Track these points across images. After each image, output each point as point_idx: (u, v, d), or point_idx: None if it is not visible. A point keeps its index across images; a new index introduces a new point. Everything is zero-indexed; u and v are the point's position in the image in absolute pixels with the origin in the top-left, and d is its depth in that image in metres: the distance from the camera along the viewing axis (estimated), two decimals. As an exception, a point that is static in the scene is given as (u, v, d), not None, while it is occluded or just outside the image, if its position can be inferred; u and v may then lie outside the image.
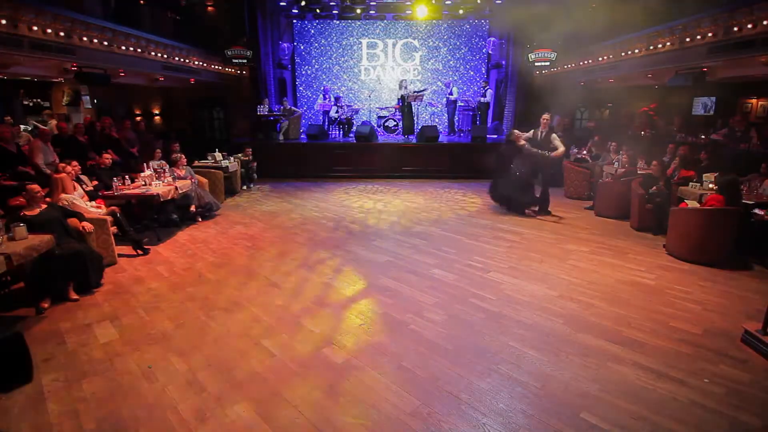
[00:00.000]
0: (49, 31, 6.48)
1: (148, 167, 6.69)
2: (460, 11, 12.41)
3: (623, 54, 9.25)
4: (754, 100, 9.28)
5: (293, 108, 12.40)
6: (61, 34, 6.71)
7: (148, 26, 9.79)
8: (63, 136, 7.11)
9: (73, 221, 4.50)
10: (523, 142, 7.12)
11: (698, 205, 5.43)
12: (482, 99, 12.16)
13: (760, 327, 3.29)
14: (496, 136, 12.21)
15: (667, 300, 4.17)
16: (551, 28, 10.61)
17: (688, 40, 7.47)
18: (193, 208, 6.76)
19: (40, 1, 6.33)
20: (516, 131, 7.46)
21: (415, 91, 11.79)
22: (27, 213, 4.16)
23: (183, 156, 7.23)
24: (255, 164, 10.02)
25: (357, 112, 12.81)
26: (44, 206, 4.32)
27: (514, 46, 12.19)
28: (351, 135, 12.02)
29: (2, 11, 5.74)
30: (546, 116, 7.10)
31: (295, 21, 13.36)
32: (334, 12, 12.72)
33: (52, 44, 6.62)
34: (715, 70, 7.75)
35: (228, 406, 2.69)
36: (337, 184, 10.24)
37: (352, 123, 12.40)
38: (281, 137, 11.69)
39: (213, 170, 8.21)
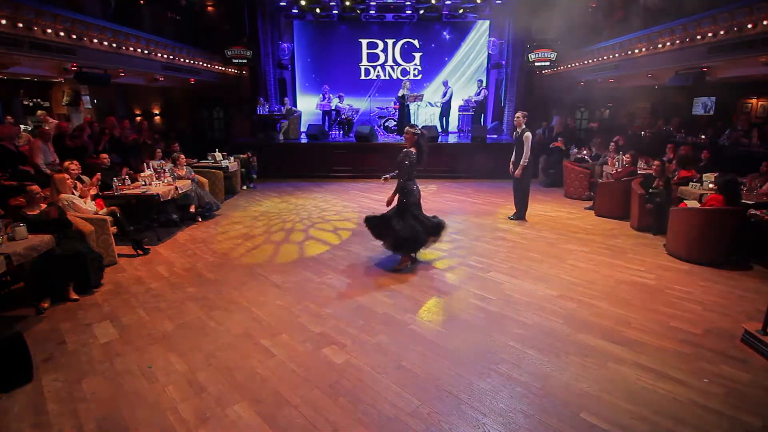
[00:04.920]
0: (49, 31, 6.47)
1: (148, 167, 6.69)
2: (460, 11, 12.41)
3: (623, 54, 9.25)
4: (754, 100, 9.28)
5: (293, 108, 12.40)
6: (61, 34, 6.71)
7: (148, 26, 9.79)
8: (63, 136, 7.12)
9: (73, 220, 4.50)
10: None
11: (698, 205, 5.43)
12: (479, 99, 12.18)
13: (760, 327, 3.29)
14: (496, 136, 12.22)
15: (667, 300, 4.17)
16: (551, 28, 10.62)
17: (688, 40, 7.47)
18: (193, 208, 6.75)
19: (40, 1, 6.33)
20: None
21: (413, 93, 11.81)
22: (27, 213, 4.16)
23: (182, 156, 7.23)
24: (255, 159, 10.08)
25: (357, 112, 12.81)
26: (44, 206, 4.32)
27: (514, 46, 12.20)
28: (351, 135, 12.02)
29: (2, 11, 5.74)
30: (518, 114, 6.63)
31: (295, 21, 13.36)
32: (334, 12, 12.72)
33: (52, 44, 6.62)
34: (715, 70, 7.75)
35: (228, 407, 2.69)
36: (337, 184, 10.23)
37: (352, 123, 12.41)
38: (281, 137, 11.69)
39: (213, 170, 8.21)
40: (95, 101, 10.52)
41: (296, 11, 12.72)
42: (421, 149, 4.74)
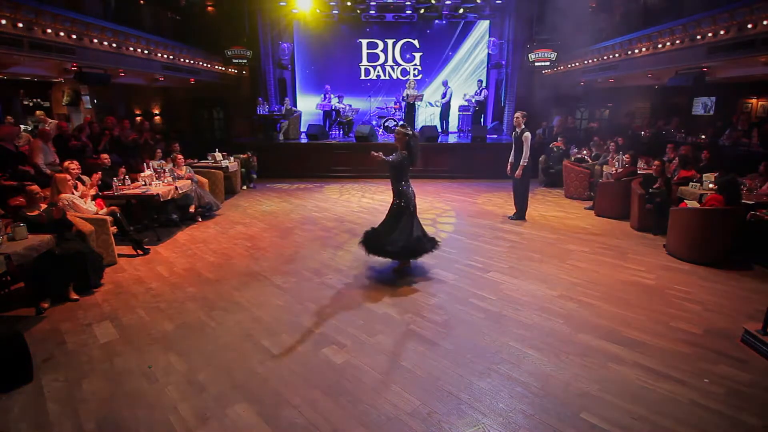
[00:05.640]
0: (49, 31, 6.48)
1: (148, 167, 6.69)
2: (460, 11, 12.41)
3: (623, 54, 9.24)
4: (754, 100, 9.27)
5: (293, 108, 12.40)
6: (61, 34, 6.71)
7: (148, 26, 9.79)
8: (63, 136, 7.12)
9: (73, 220, 4.50)
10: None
11: (698, 205, 5.43)
12: (479, 99, 12.18)
13: (760, 327, 3.29)
14: (496, 136, 12.22)
15: (668, 300, 4.17)
16: (551, 28, 10.62)
17: (688, 40, 7.47)
18: (193, 208, 6.76)
19: (40, 1, 6.34)
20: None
21: (414, 93, 11.82)
22: (27, 213, 4.16)
23: (179, 156, 7.22)
24: (255, 159, 10.08)
25: (357, 112, 12.81)
26: (44, 206, 4.32)
27: (514, 46, 12.20)
28: (351, 135, 12.02)
29: (2, 11, 5.74)
30: (518, 114, 6.58)
31: (295, 21, 13.36)
32: (334, 12, 12.72)
33: (52, 44, 6.62)
34: (715, 70, 7.75)
35: (228, 407, 2.69)
36: (337, 184, 10.24)
37: (352, 123, 12.41)
38: (281, 137, 11.69)
39: (213, 170, 8.21)
40: (95, 101, 10.51)
41: (296, 11, 12.70)
42: (412, 151, 4.62)
